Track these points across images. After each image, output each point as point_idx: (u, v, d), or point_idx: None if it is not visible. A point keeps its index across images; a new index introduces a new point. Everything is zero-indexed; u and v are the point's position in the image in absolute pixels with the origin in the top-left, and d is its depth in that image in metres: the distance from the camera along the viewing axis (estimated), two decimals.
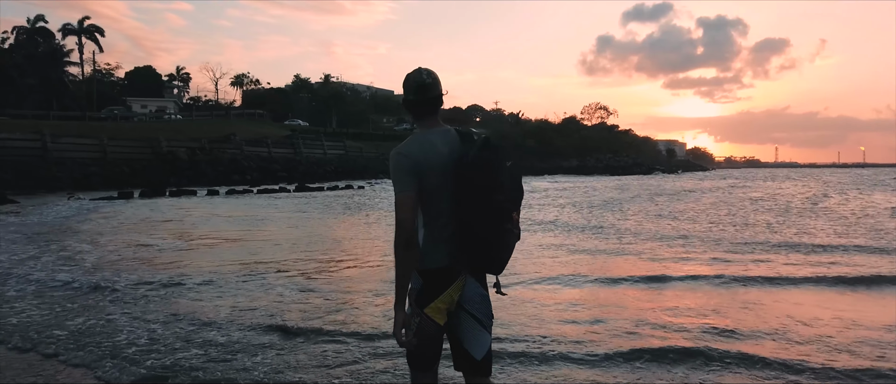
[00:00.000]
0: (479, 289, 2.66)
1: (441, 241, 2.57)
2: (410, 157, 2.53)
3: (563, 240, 12.47)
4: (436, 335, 2.60)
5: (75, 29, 66.51)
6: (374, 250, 11.26)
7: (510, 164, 2.61)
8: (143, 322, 5.93)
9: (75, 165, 34.57)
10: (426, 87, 2.63)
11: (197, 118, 65.49)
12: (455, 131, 2.67)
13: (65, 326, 5.80)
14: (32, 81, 58.41)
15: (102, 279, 8.09)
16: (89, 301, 6.91)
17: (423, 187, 2.54)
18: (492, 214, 2.51)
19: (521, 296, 6.83)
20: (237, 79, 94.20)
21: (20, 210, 19.15)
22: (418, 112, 2.65)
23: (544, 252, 10.66)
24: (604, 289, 7.52)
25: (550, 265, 9.17)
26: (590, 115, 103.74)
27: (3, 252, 10.65)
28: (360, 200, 25.73)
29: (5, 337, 5.49)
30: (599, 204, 23.36)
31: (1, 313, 6.38)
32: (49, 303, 6.83)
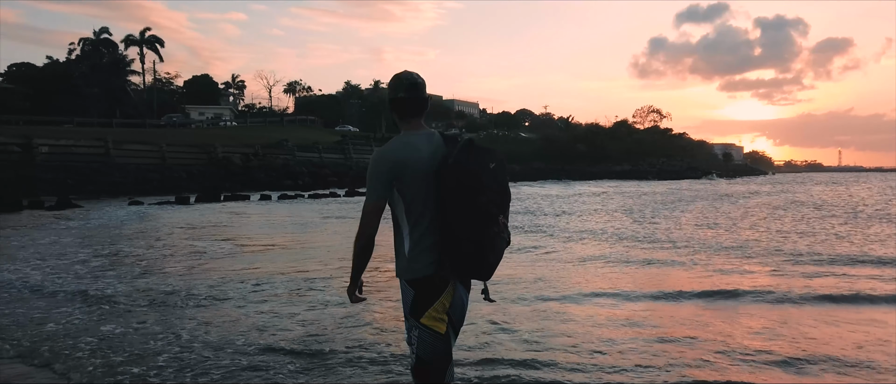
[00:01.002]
0: (464, 297, 2.64)
1: (426, 249, 2.52)
2: (387, 159, 2.50)
3: (613, 249, 11.91)
4: (438, 346, 2.54)
5: (137, 40, 69.12)
6: None
7: (494, 166, 2.54)
8: (177, 330, 5.86)
9: (136, 171, 35.77)
10: (418, 86, 2.62)
11: (251, 125, 67.06)
12: (439, 134, 2.63)
13: (97, 332, 5.79)
14: (97, 91, 60.99)
15: (148, 284, 8.19)
16: (129, 306, 6.92)
17: (403, 191, 2.51)
18: (476, 218, 2.44)
19: (570, 313, 6.41)
20: (290, 86, 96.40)
21: (82, 214, 19.84)
22: (407, 110, 2.61)
23: (593, 263, 10.10)
24: (661, 306, 6.93)
25: (601, 277, 8.71)
26: (642, 118, 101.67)
27: (55, 255, 10.97)
28: None
29: (36, 343, 5.50)
30: (652, 210, 22.55)
31: (39, 317, 6.49)
32: (88, 306, 6.90)
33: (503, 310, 6.46)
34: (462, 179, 2.44)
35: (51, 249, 11.73)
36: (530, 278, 8.52)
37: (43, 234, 14.19)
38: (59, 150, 35.34)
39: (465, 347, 5.12)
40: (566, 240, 13.35)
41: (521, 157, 69.23)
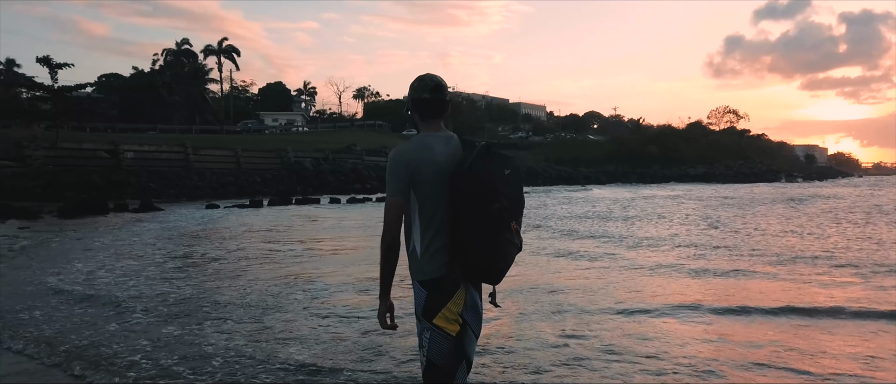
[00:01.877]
0: (477, 300, 2.65)
1: (438, 250, 2.54)
2: (405, 160, 2.53)
3: (689, 257, 10.98)
4: (451, 348, 2.53)
5: (215, 49, 72.07)
6: None
7: (509, 173, 2.56)
8: (233, 335, 5.85)
9: (213, 175, 37.20)
10: (442, 88, 2.67)
11: (321, 130, 68.70)
12: (458, 138, 2.65)
13: (153, 335, 5.85)
14: (178, 99, 63.99)
15: (215, 287, 8.36)
16: (190, 310, 7.00)
17: (418, 192, 2.54)
18: (489, 223, 2.46)
19: (649, 328, 5.93)
20: (359, 92, 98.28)
21: (162, 216, 20.73)
22: (430, 111, 2.64)
23: (667, 272, 9.38)
24: (744, 322, 6.23)
25: (677, 288, 8.08)
26: (717, 119, 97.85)
27: (131, 257, 11.41)
28: None
29: (100, 340, 5.60)
30: (731, 214, 21.33)
31: (106, 318, 6.69)
32: (153, 309, 7.04)
33: (574, 322, 6.16)
34: (477, 185, 2.46)
35: (129, 250, 12.25)
36: (601, 287, 8.17)
37: (124, 236, 14.87)
38: (144, 155, 37.22)
39: (535, 368, 4.87)
40: (638, 246, 12.68)
41: (591, 160, 67.95)
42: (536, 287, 8.06)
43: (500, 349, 5.24)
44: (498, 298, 2.74)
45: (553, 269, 9.56)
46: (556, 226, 17.45)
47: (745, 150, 79.53)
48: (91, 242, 13.47)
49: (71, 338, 5.74)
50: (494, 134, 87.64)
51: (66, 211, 20.77)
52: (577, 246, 12.74)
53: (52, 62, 37.12)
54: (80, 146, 36.11)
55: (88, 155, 35.31)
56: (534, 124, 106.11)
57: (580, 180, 57.95)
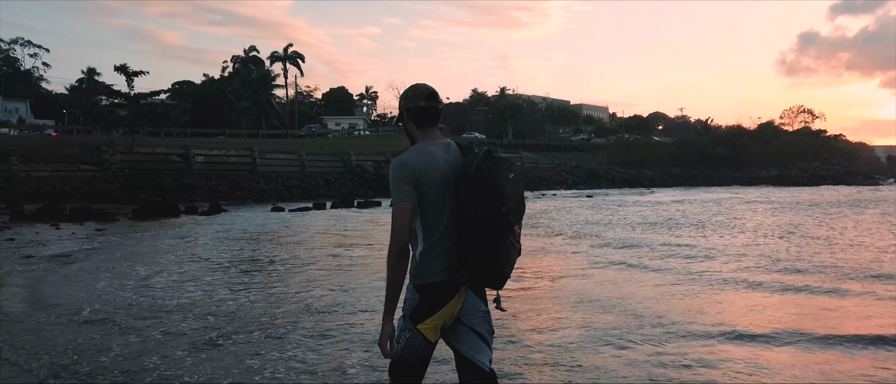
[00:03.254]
0: (479, 304, 2.62)
1: (439, 255, 2.53)
2: (409, 166, 2.52)
3: (756, 273, 9.65)
4: (424, 352, 2.56)
5: (281, 56, 73.92)
6: (566, 267, 10.71)
7: (513, 176, 2.56)
8: (288, 341, 5.78)
9: (278, 178, 38.11)
10: (435, 95, 2.69)
11: (383, 133, 69.43)
12: (456, 144, 2.68)
13: (197, 342, 5.82)
14: (246, 104, 66.01)
15: (279, 292, 8.41)
16: (249, 318, 7.00)
17: (421, 199, 2.52)
18: (494, 227, 2.47)
19: (722, 358, 5.21)
20: None
21: (229, 219, 21.31)
22: (425, 119, 2.66)
23: (734, 291, 8.25)
24: (828, 354, 5.42)
25: (743, 312, 7.02)
26: (791, 119, 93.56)
27: (193, 261, 11.68)
28: (541, 218, 25.13)
29: (143, 350, 5.55)
30: (811, 221, 19.99)
31: (150, 324, 6.77)
32: (207, 312, 7.09)
33: (666, 346, 5.52)
34: (483, 189, 2.47)
35: (194, 252, 12.58)
36: (683, 304, 7.67)
37: (190, 238, 15.32)
38: (213, 159, 38.51)
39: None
40: (715, 257, 11.62)
41: (655, 162, 66.08)
42: (618, 303, 7.75)
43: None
44: (502, 302, 2.70)
45: (629, 281, 9.10)
46: (622, 235, 16.90)
47: (820, 151, 75.67)
48: (158, 244, 13.94)
49: (68, 356, 5.37)
50: (555, 136, 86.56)
51: (139, 213, 21.63)
52: (648, 255, 12.11)
53: (128, 70, 38.80)
54: (154, 151, 37.69)
55: (162, 159, 36.81)
56: (596, 126, 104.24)
57: (644, 183, 56.45)
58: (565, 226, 18.78)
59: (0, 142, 35.42)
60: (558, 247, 13.43)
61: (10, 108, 65.82)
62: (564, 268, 10.43)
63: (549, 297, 8.00)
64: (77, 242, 14.07)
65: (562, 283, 8.97)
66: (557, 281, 9.22)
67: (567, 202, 32.16)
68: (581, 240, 14.60)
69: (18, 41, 78.85)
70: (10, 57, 78.04)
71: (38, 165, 31.91)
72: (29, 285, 8.84)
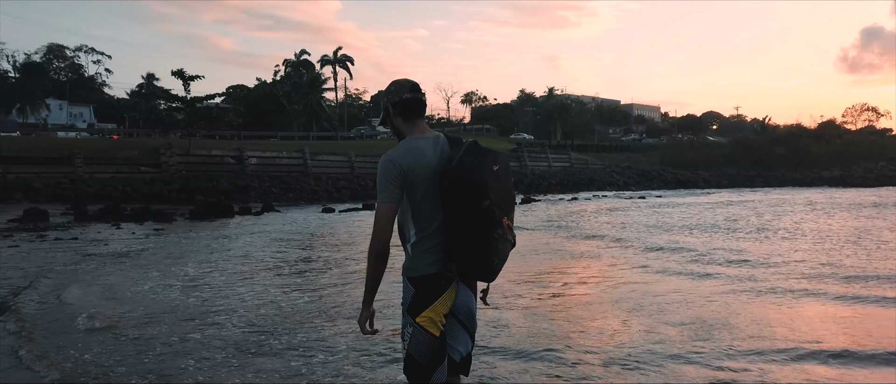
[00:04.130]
0: (470, 299, 2.66)
1: (431, 249, 2.55)
2: (396, 164, 2.52)
3: (827, 282, 8.80)
4: (431, 347, 2.55)
5: (331, 59, 75.03)
6: (619, 271, 10.44)
7: (498, 168, 2.55)
8: (337, 344, 5.70)
9: (329, 180, 38.63)
10: (418, 87, 2.69)
11: None
12: (445, 137, 2.66)
13: (241, 345, 5.83)
14: (298, 107, 67.26)
15: (331, 295, 8.41)
16: (302, 319, 6.99)
17: (411, 195, 2.54)
18: (479, 220, 2.46)
19: (799, 380, 4.72)
20: (466, 96, 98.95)
21: (281, 219, 21.65)
22: (412, 111, 2.66)
23: (804, 301, 7.57)
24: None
25: (821, 325, 6.39)
26: (853, 118, 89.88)
27: (246, 261, 11.84)
28: (592, 219, 24.66)
29: (181, 352, 5.48)
30: (874, 225, 18.45)
31: (196, 328, 6.80)
32: (244, 324, 7.05)
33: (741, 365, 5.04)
34: (464, 182, 2.46)
35: (247, 252, 12.77)
36: (731, 317, 7.22)
37: (244, 238, 15.59)
38: (265, 161, 39.33)
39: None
40: (771, 264, 10.87)
41: (710, 162, 64.25)
42: (678, 310, 7.46)
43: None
44: (488, 297, 2.71)
45: (689, 288, 8.61)
46: (677, 238, 16.40)
47: (886, 150, 72.18)
48: (212, 244, 14.21)
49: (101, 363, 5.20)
50: (605, 136, 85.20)
51: (195, 213, 22.20)
52: (705, 260, 11.59)
53: (184, 75, 40.17)
54: (209, 153, 38.73)
55: (217, 161, 37.79)
56: (647, 126, 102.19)
57: (699, 184, 54.91)
58: (617, 228, 18.35)
59: (65, 144, 37.02)
60: (610, 250, 13.11)
61: (75, 112, 68.81)
62: (617, 273, 10.13)
63: (603, 303, 7.76)
64: (135, 242, 14.49)
65: (616, 289, 8.69)
66: (611, 286, 8.95)
67: (618, 203, 31.53)
68: (633, 243, 14.20)
69: (83, 48, 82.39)
70: (75, 64, 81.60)
71: (100, 167, 33.18)
72: (81, 284, 9.05)
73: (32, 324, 6.58)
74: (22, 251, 12.47)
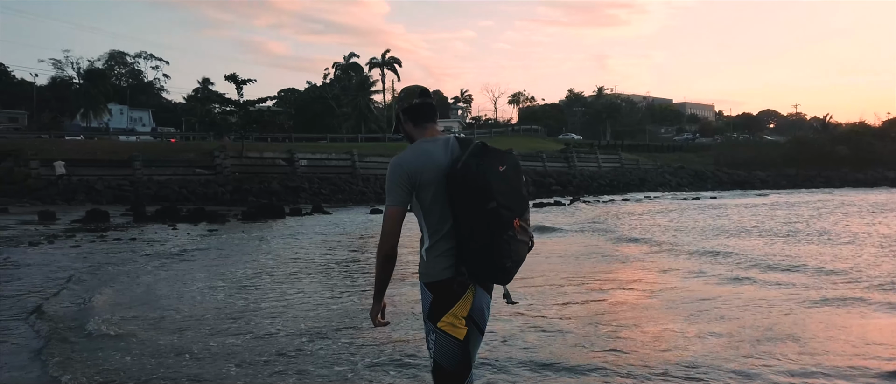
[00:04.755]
0: (486, 302, 2.67)
1: (443, 253, 2.56)
2: (404, 167, 2.55)
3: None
4: (457, 351, 2.54)
5: (379, 62, 75.70)
6: (673, 277, 10.13)
7: (505, 169, 2.52)
8: (383, 349, 5.65)
9: (377, 181, 38.91)
10: (427, 92, 2.76)
11: (477, 136, 69.52)
12: (455, 139, 2.65)
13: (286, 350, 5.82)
14: (347, 110, 68.12)
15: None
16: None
17: (421, 198, 2.56)
18: (487, 221, 2.45)
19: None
20: (514, 97, 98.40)
21: (330, 220, 21.90)
22: (422, 115, 2.71)
23: (872, 317, 6.82)
24: None
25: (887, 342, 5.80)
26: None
27: (296, 261, 11.94)
28: (643, 221, 24.11)
29: (221, 355, 5.42)
30: None
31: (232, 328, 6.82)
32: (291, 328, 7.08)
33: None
34: (469, 183, 2.46)
35: (297, 253, 12.91)
36: (806, 331, 6.59)
37: (294, 238, 15.80)
38: (315, 163, 39.96)
39: None
40: (840, 272, 10.09)
41: (767, 162, 62.10)
42: (740, 318, 7.15)
43: None
44: (513, 296, 2.72)
45: (754, 297, 8.04)
46: (734, 242, 15.83)
47: None
48: (262, 245, 14.44)
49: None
50: (656, 136, 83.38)
51: (248, 215, 22.66)
52: (766, 264, 10.98)
53: (237, 79, 40.95)
54: (261, 155, 39.58)
55: (268, 163, 38.60)
56: (701, 125, 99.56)
57: (755, 185, 53.13)
58: (669, 231, 17.86)
59: (126, 148, 38.43)
60: (661, 255, 12.73)
61: (135, 116, 71.40)
62: (669, 279, 9.81)
63: (656, 309, 7.50)
64: (189, 242, 14.86)
65: (670, 295, 8.40)
66: (664, 291, 8.66)
67: (670, 204, 30.74)
68: (686, 247, 13.78)
69: (142, 55, 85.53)
70: (135, 70, 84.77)
71: (158, 169, 34.30)
72: (130, 284, 9.28)
73: (71, 323, 6.67)
74: (82, 251, 12.93)
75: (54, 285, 8.94)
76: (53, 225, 18.92)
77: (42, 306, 7.52)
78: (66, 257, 11.91)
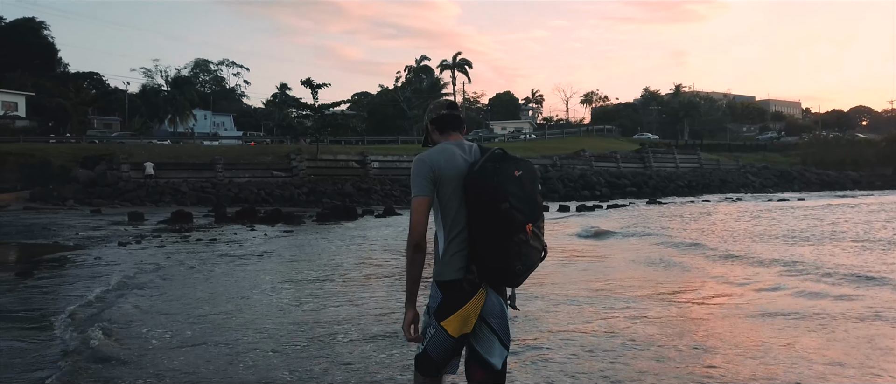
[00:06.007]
0: (500, 303, 2.70)
1: (457, 253, 2.63)
2: (427, 163, 2.66)
3: None
4: (449, 347, 2.65)
5: (450, 64, 76.06)
6: (762, 291, 9.58)
7: (520, 174, 2.60)
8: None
9: None
10: (454, 105, 2.94)
11: (549, 137, 68.65)
12: (477, 146, 2.77)
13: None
14: (418, 112, 68.80)
15: None
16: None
17: (440, 195, 2.66)
18: (497, 225, 2.53)
19: None
20: (586, 96, 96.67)
21: (400, 221, 22.05)
22: (447, 125, 2.84)
23: None
24: None
25: None
26: None
27: (366, 265, 11.99)
28: (730, 223, 23.08)
29: (274, 365, 5.26)
30: None
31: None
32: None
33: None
34: (483, 187, 2.55)
35: (367, 256, 13.01)
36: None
37: (364, 240, 15.96)
38: (387, 165, 40.50)
39: None
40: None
41: (860, 161, 58.35)
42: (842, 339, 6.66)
43: None
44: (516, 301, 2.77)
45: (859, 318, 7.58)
46: (825, 251, 14.82)
47: None
48: (334, 247, 14.64)
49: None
50: (738, 135, 79.89)
51: (322, 216, 23.17)
52: (863, 281, 9.78)
53: (313, 83, 42.01)
54: (335, 158, 40.48)
55: (342, 165, 39.43)
56: (786, 123, 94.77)
57: (847, 185, 50.06)
58: (752, 237, 16.95)
59: (208, 152, 40.16)
60: (745, 265, 12.05)
61: (218, 121, 74.59)
62: (761, 295, 9.26)
63: (748, 326, 7.07)
64: (265, 244, 15.26)
65: (757, 308, 7.92)
66: (749, 304, 8.17)
67: (754, 206, 29.27)
68: (771, 255, 13.01)
69: (225, 62, 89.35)
70: (218, 76, 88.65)
71: (238, 172, 35.66)
72: (201, 284, 9.53)
73: (131, 323, 6.84)
74: (166, 250, 13.51)
75: (119, 286, 9.34)
76: (141, 225, 19.93)
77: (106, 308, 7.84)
78: (153, 257, 12.45)
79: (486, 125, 78.23)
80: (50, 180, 32.30)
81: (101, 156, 35.76)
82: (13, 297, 8.33)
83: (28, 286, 9.24)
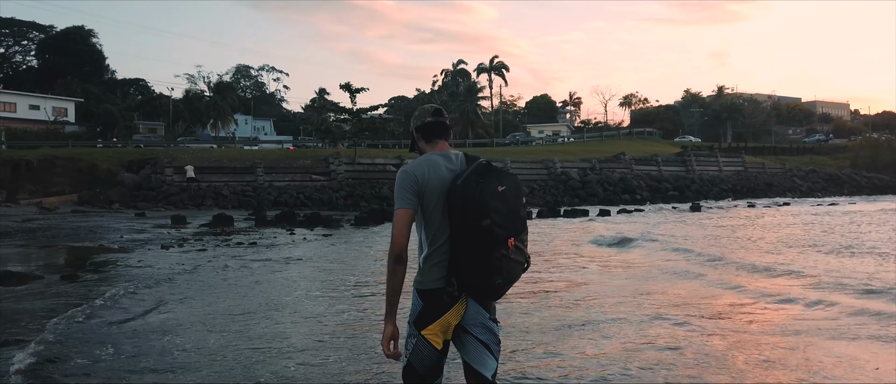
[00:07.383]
0: (482, 314, 2.69)
1: (440, 263, 2.64)
2: (411, 174, 2.65)
3: None
4: (433, 358, 2.64)
5: (487, 68, 76.07)
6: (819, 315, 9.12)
7: (503, 189, 2.60)
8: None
9: None
10: (441, 111, 2.90)
11: (587, 140, 67.84)
12: (463, 155, 2.77)
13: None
14: (454, 115, 68.85)
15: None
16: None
17: (424, 206, 2.65)
18: (478, 240, 2.54)
19: None
20: (625, 99, 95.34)
21: None
22: (433, 132, 2.82)
23: None
24: None
25: None
26: None
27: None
28: (776, 230, 22.34)
29: (295, 377, 5.28)
30: None
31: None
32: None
33: None
34: (467, 199, 2.56)
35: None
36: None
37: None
38: None
39: None
40: None
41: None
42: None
43: None
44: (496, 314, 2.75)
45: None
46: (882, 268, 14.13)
47: None
48: (371, 252, 14.55)
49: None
50: (784, 137, 77.69)
51: (360, 220, 23.17)
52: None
53: (351, 88, 42.26)
54: (373, 161, 40.62)
55: (379, 169, 39.52)
56: (834, 125, 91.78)
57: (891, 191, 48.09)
58: (800, 248, 16.29)
59: (249, 156, 40.75)
60: (798, 281, 11.52)
61: (258, 126, 75.94)
62: (818, 317, 8.79)
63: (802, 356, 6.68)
64: (303, 248, 15.30)
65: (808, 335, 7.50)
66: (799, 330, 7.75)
67: (801, 209, 28.25)
68: (825, 267, 12.42)
69: (265, 68, 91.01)
70: (259, 82, 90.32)
71: (278, 176, 36.06)
72: (236, 287, 9.57)
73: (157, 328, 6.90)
74: (207, 254, 13.62)
75: (156, 295, 9.39)
76: (184, 228, 20.23)
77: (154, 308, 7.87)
78: (193, 261, 12.56)
79: (523, 128, 77.78)
80: (97, 184, 33.18)
81: (146, 160, 36.61)
82: (44, 302, 8.45)
83: (60, 291, 9.37)
